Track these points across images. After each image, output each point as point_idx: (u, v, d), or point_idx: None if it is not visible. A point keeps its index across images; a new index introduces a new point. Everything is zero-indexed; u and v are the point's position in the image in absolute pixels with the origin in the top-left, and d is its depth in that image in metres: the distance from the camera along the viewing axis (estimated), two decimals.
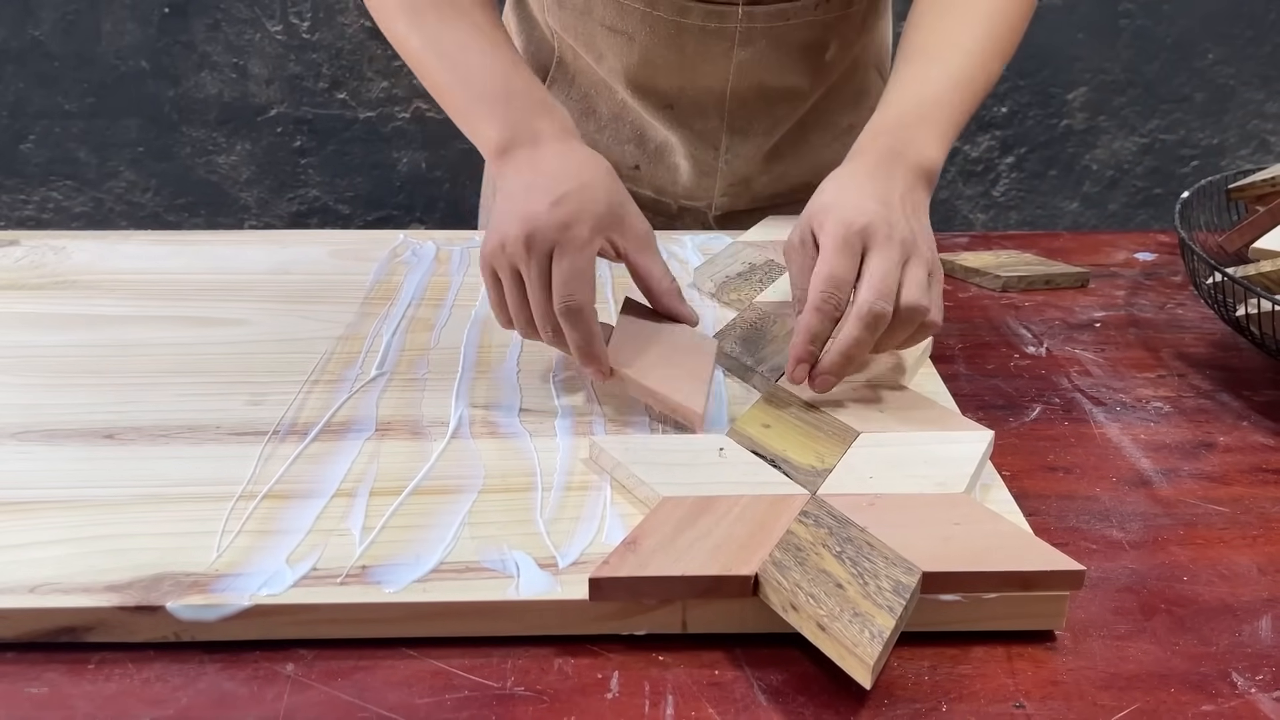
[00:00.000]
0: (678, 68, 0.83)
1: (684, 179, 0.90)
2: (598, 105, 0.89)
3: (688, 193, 0.92)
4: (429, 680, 0.41)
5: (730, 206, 0.93)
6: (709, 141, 0.88)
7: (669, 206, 0.94)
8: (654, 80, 0.84)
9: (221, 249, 0.82)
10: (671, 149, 0.89)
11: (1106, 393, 0.64)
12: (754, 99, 0.86)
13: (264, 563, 0.45)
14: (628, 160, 0.90)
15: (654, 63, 0.83)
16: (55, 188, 1.82)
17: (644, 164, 0.90)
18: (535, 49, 0.90)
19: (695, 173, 0.90)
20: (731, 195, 0.92)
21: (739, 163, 0.90)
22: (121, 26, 1.71)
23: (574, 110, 0.90)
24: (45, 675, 0.41)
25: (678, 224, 0.95)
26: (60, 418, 0.57)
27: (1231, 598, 0.46)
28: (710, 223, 0.95)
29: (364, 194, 1.84)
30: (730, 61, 0.83)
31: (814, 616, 0.40)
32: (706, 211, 0.94)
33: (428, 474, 0.52)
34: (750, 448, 0.52)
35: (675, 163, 0.90)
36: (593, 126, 0.90)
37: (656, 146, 0.89)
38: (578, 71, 0.88)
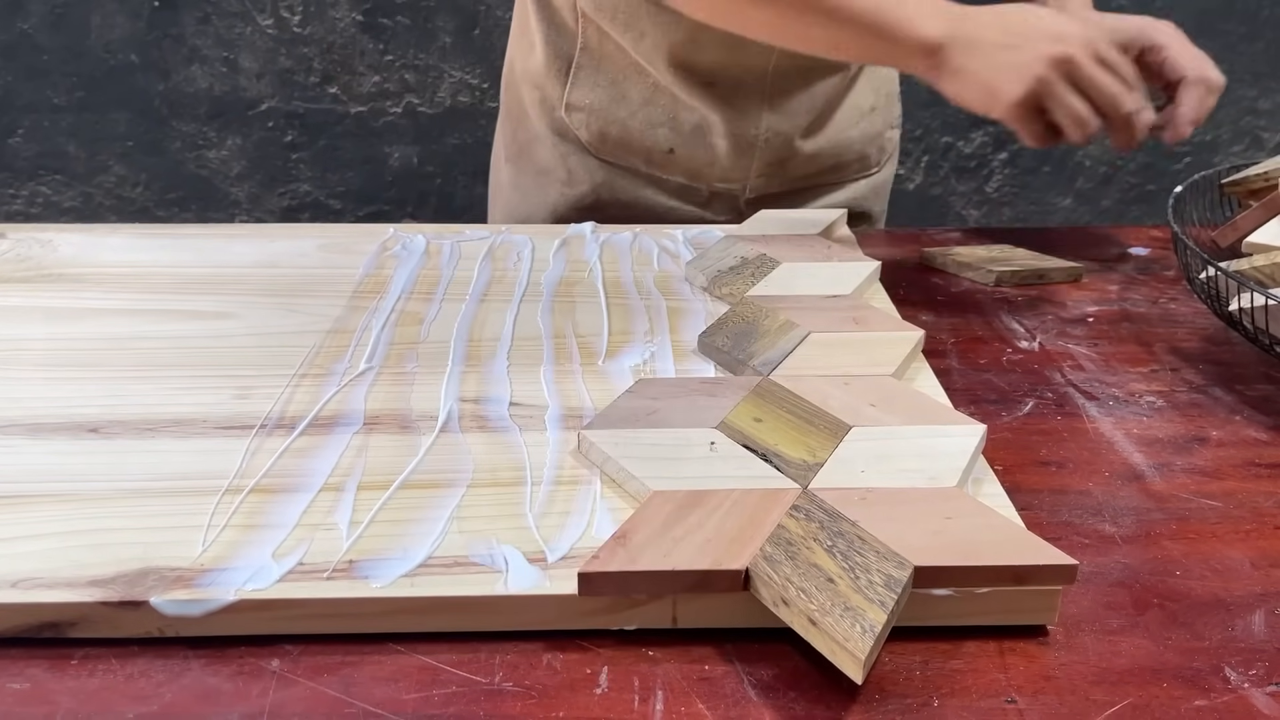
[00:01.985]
0: (723, 44, 0.84)
1: (721, 159, 0.90)
2: (628, 90, 0.89)
3: (723, 174, 0.92)
4: (416, 676, 0.40)
5: (764, 189, 0.94)
6: (750, 119, 0.88)
7: (699, 192, 0.94)
8: (696, 58, 0.85)
9: (209, 242, 0.82)
10: (708, 129, 0.89)
11: (1099, 387, 0.64)
12: (795, 76, 0.87)
13: (250, 557, 0.44)
14: (661, 144, 0.90)
15: (699, 39, 0.84)
16: (44, 182, 1.81)
17: (678, 147, 0.90)
18: (557, 37, 0.90)
19: (733, 152, 0.90)
20: (767, 176, 0.92)
21: (778, 141, 0.90)
22: (111, 20, 1.70)
23: (603, 97, 0.90)
24: (28, 671, 0.40)
25: (708, 210, 0.95)
26: (45, 411, 0.56)
27: (1224, 592, 0.46)
28: (742, 207, 0.95)
29: (355, 189, 1.83)
30: None
31: (805, 611, 0.40)
32: (740, 194, 0.94)
33: (416, 468, 0.51)
34: (741, 441, 0.52)
35: (712, 143, 0.90)
36: (624, 112, 0.90)
37: (692, 128, 0.89)
38: (604, 56, 0.88)
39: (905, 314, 0.71)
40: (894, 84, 1.00)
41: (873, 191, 1.02)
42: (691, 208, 0.95)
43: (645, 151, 0.92)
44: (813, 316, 0.66)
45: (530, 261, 0.79)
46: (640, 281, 0.76)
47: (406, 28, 1.73)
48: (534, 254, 0.80)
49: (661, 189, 0.94)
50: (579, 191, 0.94)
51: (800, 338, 0.63)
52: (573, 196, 0.95)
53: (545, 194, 0.96)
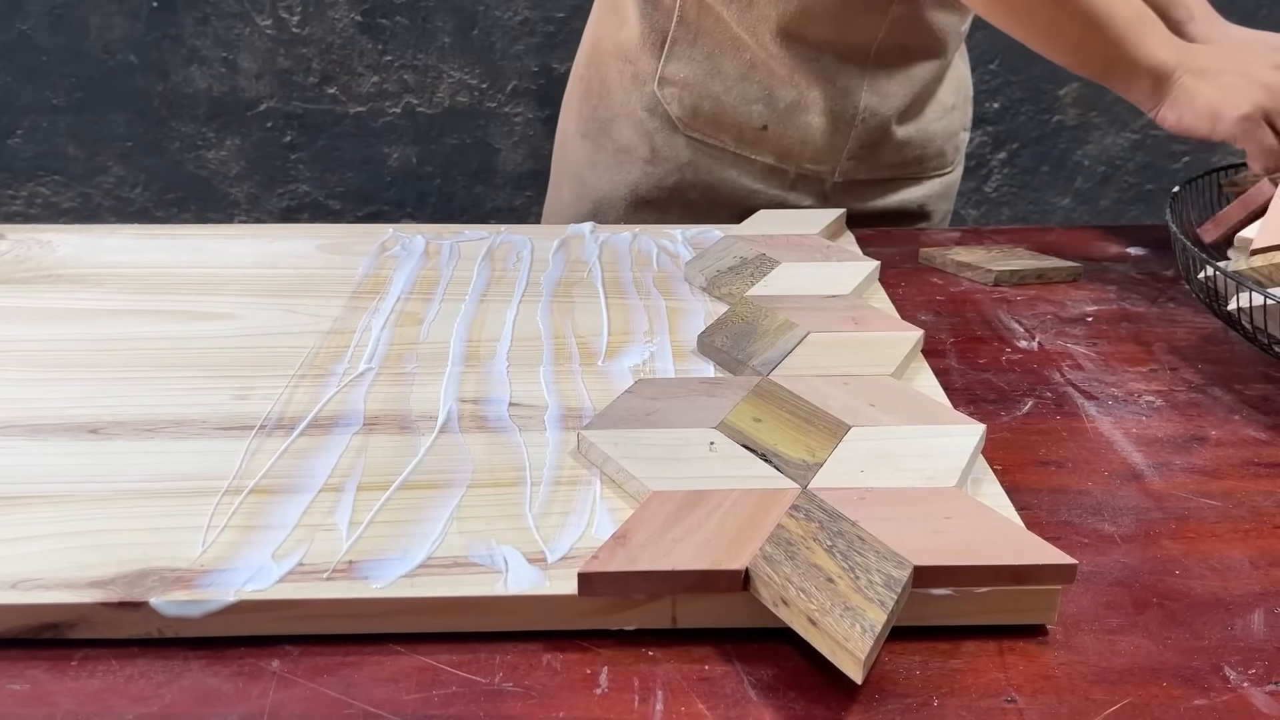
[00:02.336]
0: (834, 18, 0.85)
1: (815, 138, 0.90)
2: (724, 64, 0.89)
3: (815, 154, 0.92)
4: (416, 676, 0.40)
5: (853, 174, 0.94)
6: (849, 97, 0.89)
7: (787, 174, 0.93)
8: (805, 30, 0.86)
9: (208, 243, 0.82)
10: (805, 107, 0.89)
11: (1098, 387, 0.64)
12: (895, 57, 0.88)
13: (249, 558, 0.44)
14: (755, 120, 0.90)
15: (810, 11, 0.85)
16: (43, 183, 1.81)
17: (772, 124, 0.90)
18: (653, 11, 0.90)
19: (829, 131, 0.90)
20: (858, 159, 0.93)
21: (874, 123, 0.91)
22: (110, 20, 1.70)
23: (698, 71, 0.90)
24: (27, 672, 0.40)
25: (792, 193, 0.94)
26: (44, 412, 0.56)
27: (1223, 591, 0.46)
28: (827, 191, 0.94)
29: (354, 189, 1.83)
30: (886, 16, 0.85)
31: (805, 611, 0.40)
32: (827, 178, 0.93)
33: (415, 468, 0.51)
34: (741, 441, 0.52)
35: (807, 121, 0.90)
36: (719, 87, 0.90)
37: (788, 105, 0.89)
38: (702, 30, 0.88)
39: (904, 314, 0.71)
40: (970, 87, 1.01)
41: (944, 191, 1.02)
42: (776, 190, 0.94)
43: (737, 128, 0.91)
44: (812, 316, 0.66)
45: (529, 262, 0.79)
46: (639, 281, 0.76)
47: (405, 28, 1.73)
48: (533, 254, 0.80)
49: (748, 170, 0.93)
50: (662, 170, 0.94)
51: (799, 338, 0.63)
52: (655, 175, 0.94)
53: (626, 172, 0.95)
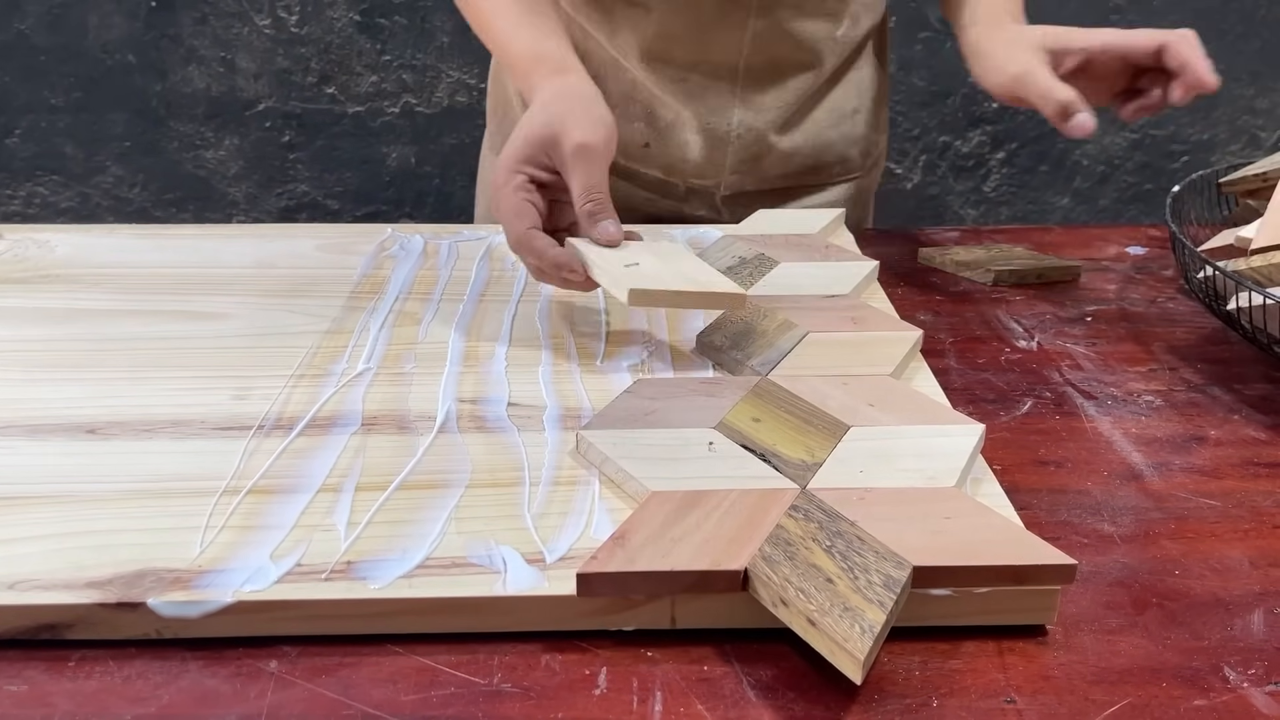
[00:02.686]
0: (693, 39, 0.84)
1: (694, 155, 0.91)
2: (608, 84, 0.89)
3: (697, 170, 0.92)
4: (415, 677, 0.40)
5: (739, 186, 0.94)
6: (721, 115, 0.89)
7: (677, 187, 0.94)
8: (669, 52, 0.85)
9: (206, 243, 0.82)
10: (682, 125, 0.90)
11: (1098, 386, 0.64)
12: (767, 71, 0.87)
13: (247, 558, 0.44)
14: (638, 139, 0.91)
15: (669, 34, 0.84)
16: (41, 183, 1.81)
17: (654, 142, 0.91)
18: None
19: (706, 148, 0.90)
20: (741, 174, 0.92)
21: (750, 137, 0.90)
22: (108, 20, 1.70)
23: None
24: (25, 673, 0.40)
25: (685, 206, 0.95)
26: (43, 412, 0.56)
27: (1223, 591, 0.46)
28: (718, 204, 0.95)
29: (353, 189, 1.83)
30: (745, 32, 0.84)
31: (804, 611, 0.40)
32: (715, 191, 0.94)
33: (414, 468, 0.51)
34: (740, 441, 0.52)
35: (686, 139, 0.90)
36: None
37: (667, 123, 0.90)
38: (587, 52, 0.89)
39: (903, 314, 0.71)
40: (883, 88, 0.99)
41: (856, 196, 1.01)
42: (670, 202, 0.95)
43: (623, 146, 0.92)
44: (811, 316, 0.66)
45: None
46: None
47: (404, 28, 1.73)
48: None
49: (639, 184, 0.94)
50: None
51: (798, 337, 0.63)
52: None
53: None
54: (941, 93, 1.82)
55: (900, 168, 1.88)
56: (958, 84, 1.81)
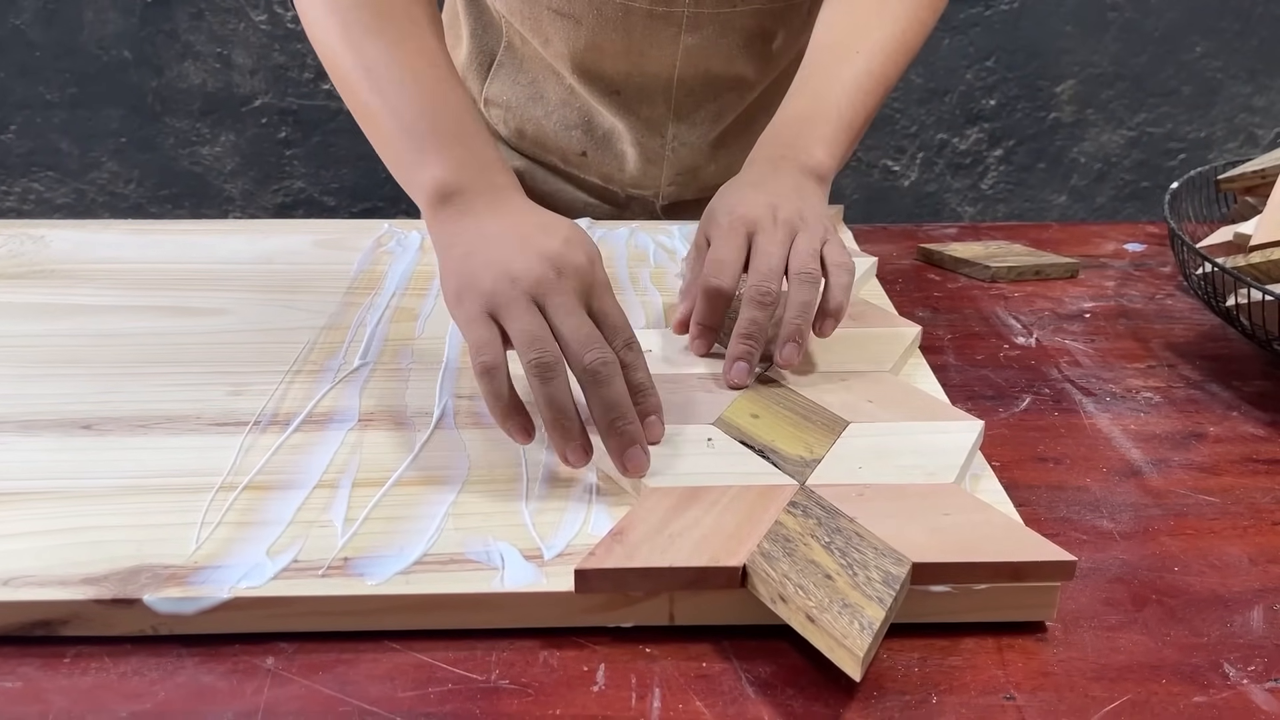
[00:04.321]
0: (624, 53, 0.82)
1: (631, 166, 0.90)
2: (545, 90, 0.88)
3: (635, 181, 0.91)
4: (412, 673, 0.40)
5: (678, 196, 0.93)
6: (655, 129, 0.88)
7: (616, 195, 0.94)
8: (600, 65, 0.84)
9: (203, 238, 0.81)
10: (618, 136, 0.89)
11: (1096, 383, 0.64)
12: (701, 86, 0.86)
13: (244, 555, 0.44)
14: (575, 146, 0.90)
15: (600, 47, 0.82)
16: (37, 179, 1.80)
17: (591, 150, 0.90)
18: (483, 32, 0.90)
19: (642, 160, 0.90)
20: (679, 184, 0.92)
21: (685, 151, 0.89)
22: (104, 15, 1.70)
23: (522, 95, 0.90)
24: (20, 669, 0.40)
25: (626, 213, 0.95)
26: (37, 408, 0.56)
27: (1222, 588, 0.46)
28: (658, 212, 0.95)
29: (349, 185, 1.83)
30: (677, 47, 0.82)
31: (803, 608, 0.39)
32: (654, 201, 0.94)
33: (411, 465, 0.51)
34: (738, 438, 0.51)
35: (622, 150, 0.89)
36: (540, 112, 0.89)
37: (604, 133, 0.89)
38: (525, 56, 0.88)
39: (902, 310, 0.71)
40: None
41: None
42: (610, 207, 0.95)
43: (561, 151, 0.92)
44: None
45: None
46: (636, 277, 0.75)
47: None
48: None
49: (580, 187, 0.94)
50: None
51: None
52: None
53: None
54: (939, 90, 1.82)
55: (898, 165, 1.88)
56: (955, 81, 1.81)
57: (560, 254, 0.51)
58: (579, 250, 0.52)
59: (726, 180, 0.86)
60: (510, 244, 0.52)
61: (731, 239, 0.58)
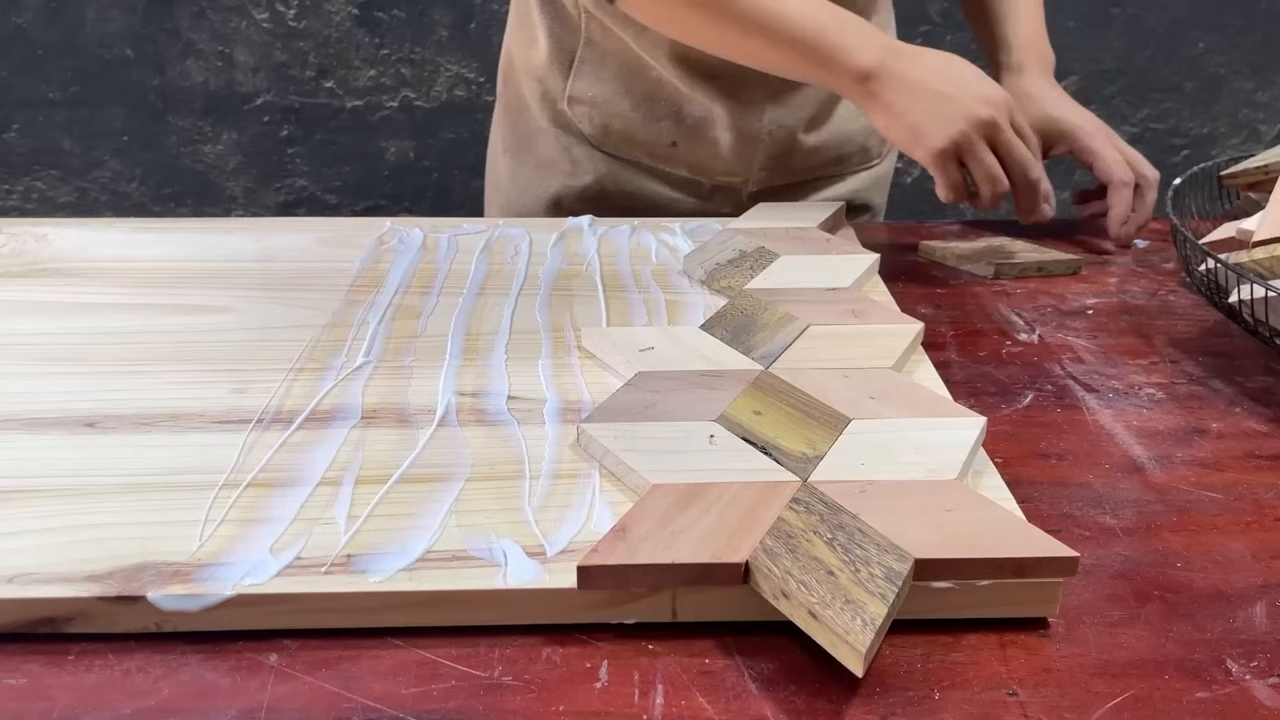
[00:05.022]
0: None
1: (724, 153, 0.90)
2: (632, 84, 0.88)
3: (727, 168, 0.91)
4: (415, 670, 0.40)
5: (768, 182, 0.93)
6: (753, 112, 0.88)
7: (703, 185, 0.93)
8: (698, 51, 0.84)
9: (206, 236, 0.81)
10: (712, 122, 0.89)
11: (1099, 379, 0.64)
12: None
13: (247, 552, 0.44)
14: (664, 138, 0.90)
15: None
16: (39, 177, 1.80)
17: (681, 140, 0.90)
18: (561, 31, 0.90)
19: (737, 145, 0.90)
20: (770, 169, 0.92)
21: (782, 134, 0.90)
22: (106, 14, 1.70)
23: (606, 91, 0.90)
24: (24, 666, 0.40)
25: (710, 203, 0.95)
26: (41, 406, 0.56)
27: (1225, 584, 0.46)
28: (744, 200, 0.94)
29: (352, 183, 1.83)
30: None
31: (805, 604, 0.39)
32: (742, 188, 0.93)
33: (414, 462, 0.51)
34: (741, 435, 0.51)
35: (715, 136, 0.89)
36: (626, 105, 0.89)
37: (695, 121, 0.89)
38: (608, 51, 0.88)
39: (904, 307, 0.71)
40: None
41: (874, 183, 1.02)
42: (694, 200, 0.95)
43: (648, 145, 0.91)
44: (812, 309, 0.66)
45: (528, 255, 0.79)
46: (638, 275, 0.75)
47: (402, 21, 1.73)
48: (531, 247, 0.80)
49: (665, 181, 0.94)
50: (583, 183, 0.94)
51: (799, 330, 0.63)
52: (576, 188, 0.94)
53: (547, 185, 0.96)
54: None
55: (901, 162, 1.88)
56: None
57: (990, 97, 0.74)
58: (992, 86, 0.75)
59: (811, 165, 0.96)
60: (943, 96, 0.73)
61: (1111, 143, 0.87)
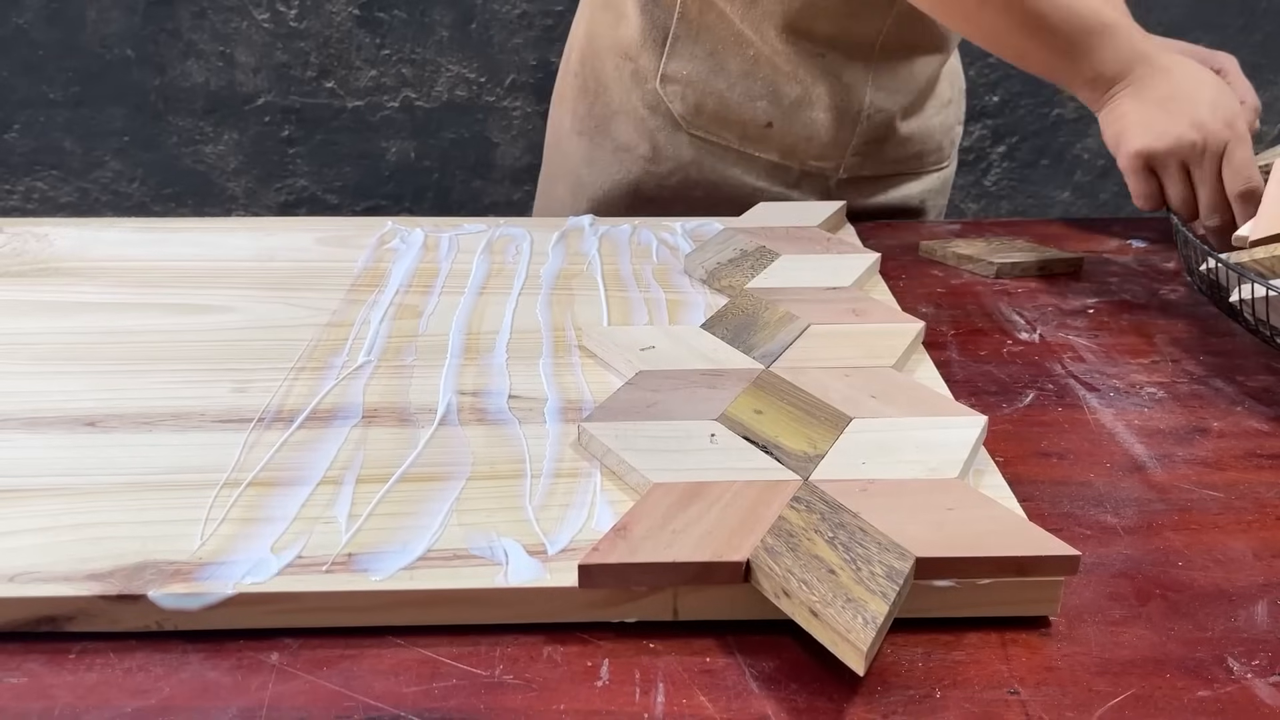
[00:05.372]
0: (840, 12, 0.84)
1: (821, 134, 0.90)
2: (727, 61, 0.88)
3: (820, 151, 0.91)
4: (416, 669, 0.40)
5: (857, 170, 0.93)
6: (855, 93, 0.88)
7: (791, 172, 0.92)
8: (812, 25, 0.85)
9: (206, 236, 0.81)
10: (810, 103, 0.88)
11: (1100, 378, 0.64)
12: (900, 52, 0.88)
13: (248, 551, 0.44)
14: (759, 118, 0.89)
15: (818, 5, 0.84)
16: (40, 178, 1.80)
17: (777, 121, 0.89)
18: (653, 7, 0.89)
19: (834, 127, 0.89)
20: (862, 155, 0.92)
21: (880, 118, 0.90)
22: (107, 14, 1.70)
23: (702, 69, 0.89)
24: (25, 665, 0.40)
25: (796, 191, 0.94)
26: (42, 405, 0.56)
27: (1226, 583, 0.46)
28: (831, 189, 0.94)
29: (352, 184, 1.83)
30: (891, 10, 0.85)
31: (806, 603, 0.39)
32: (831, 175, 0.93)
33: (415, 461, 0.51)
34: (741, 433, 0.51)
35: (813, 117, 0.89)
36: (722, 84, 0.89)
37: (793, 101, 0.88)
38: (704, 27, 0.87)
39: (905, 306, 0.71)
40: (963, 79, 1.01)
41: (941, 186, 1.02)
42: (780, 188, 0.93)
43: (741, 125, 0.90)
44: (812, 308, 0.66)
45: (529, 254, 0.79)
46: (639, 274, 0.75)
47: (403, 21, 1.73)
48: (532, 247, 0.80)
49: (751, 168, 0.93)
50: (665, 168, 0.93)
51: (800, 329, 0.63)
52: (658, 174, 0.93)
53: (627, 171, 0.94)
54: None
55: None
56: None
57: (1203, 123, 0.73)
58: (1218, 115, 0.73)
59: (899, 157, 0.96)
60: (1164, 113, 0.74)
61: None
